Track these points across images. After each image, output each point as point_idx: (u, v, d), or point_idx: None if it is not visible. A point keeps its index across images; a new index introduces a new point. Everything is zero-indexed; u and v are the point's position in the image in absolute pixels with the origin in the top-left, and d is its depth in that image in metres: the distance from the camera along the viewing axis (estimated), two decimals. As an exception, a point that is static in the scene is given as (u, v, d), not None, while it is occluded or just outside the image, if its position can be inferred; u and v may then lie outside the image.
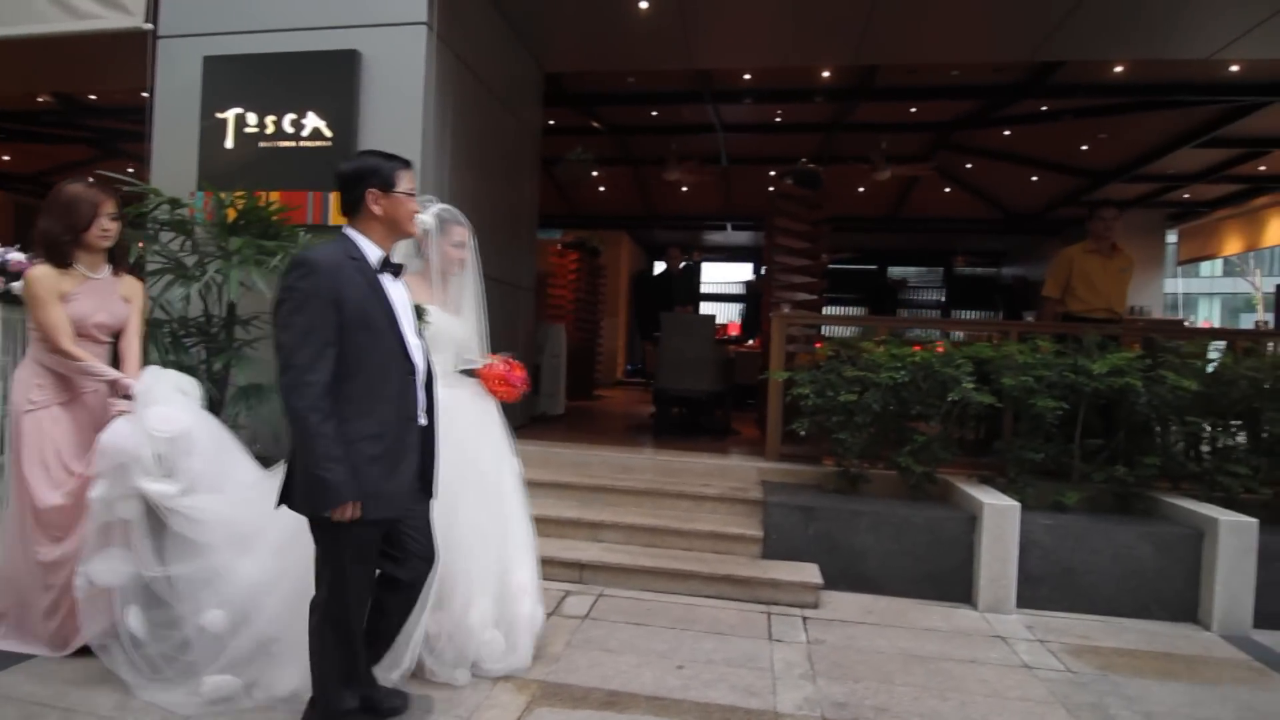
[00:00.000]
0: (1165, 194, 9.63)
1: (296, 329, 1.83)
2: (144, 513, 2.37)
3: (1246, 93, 6.12)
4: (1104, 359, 3.71)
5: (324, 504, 1.84)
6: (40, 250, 2.57)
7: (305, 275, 1.86)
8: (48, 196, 2.60)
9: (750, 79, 6.54)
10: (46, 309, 2.51)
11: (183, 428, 2.44)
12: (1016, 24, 4.84)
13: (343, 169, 2.01)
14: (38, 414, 2.56)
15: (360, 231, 2.00)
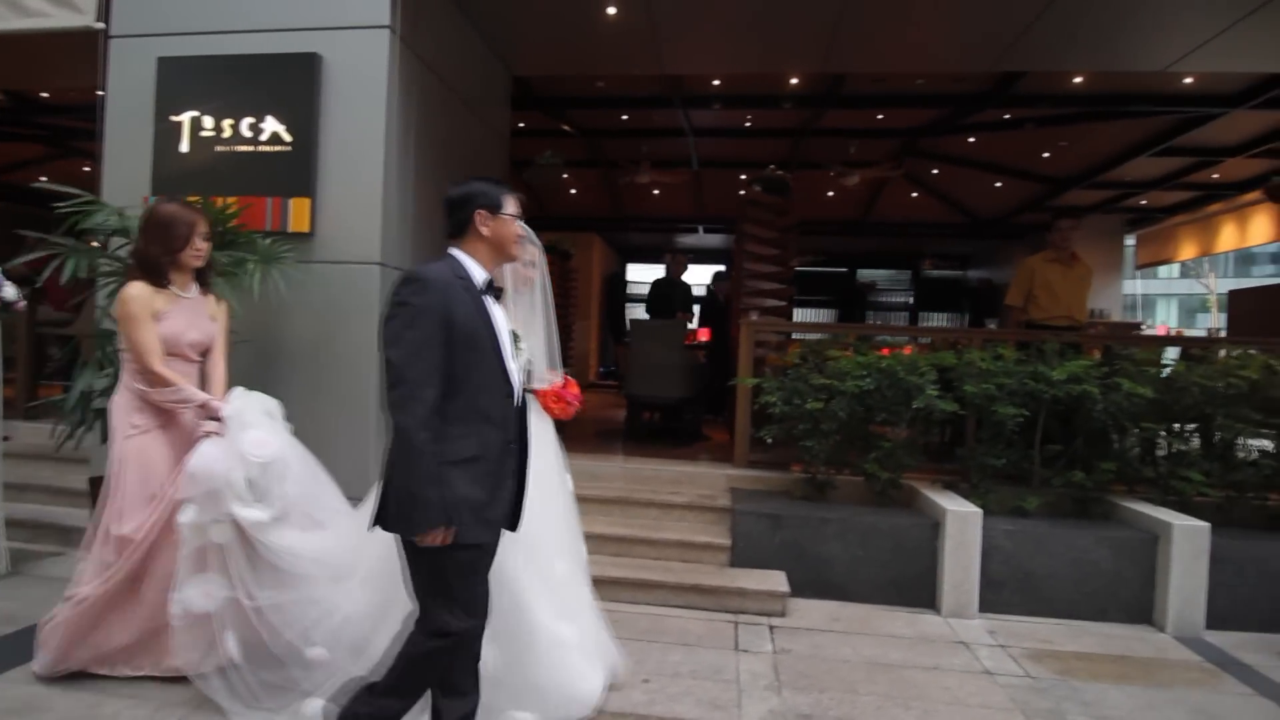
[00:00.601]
0: (1123, 200, 9.87)
1: (408, 344, 1.81)
2: (238, 538, 2.33)
3: (1199, 104, 6.30)
4: (1062, 366, 3.78)
5: (420, 525, 1.79)
6: (136, 270, 2.58)
7: (419, 291, 1.85)
8: (143, 217, 2.65)
9: (719, 85, 6.55)
10: (141, 328, 2.49)
11: (277, 452, 2.43)
12: (978, 36, 4.91)
13: (452, 193, 2.05)
14: (139, 438, 2.53)
15: (467, 253, 2.01)
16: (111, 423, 2.56)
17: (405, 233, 4.07)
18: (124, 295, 2.52)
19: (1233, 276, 27.31)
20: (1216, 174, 8.44)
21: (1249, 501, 3.89)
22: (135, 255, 2.61)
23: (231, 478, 2.30)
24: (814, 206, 11.13)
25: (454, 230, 2.03)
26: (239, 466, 2.33)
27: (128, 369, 2.56)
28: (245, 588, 2.33)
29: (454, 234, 2.03)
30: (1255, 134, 7.12)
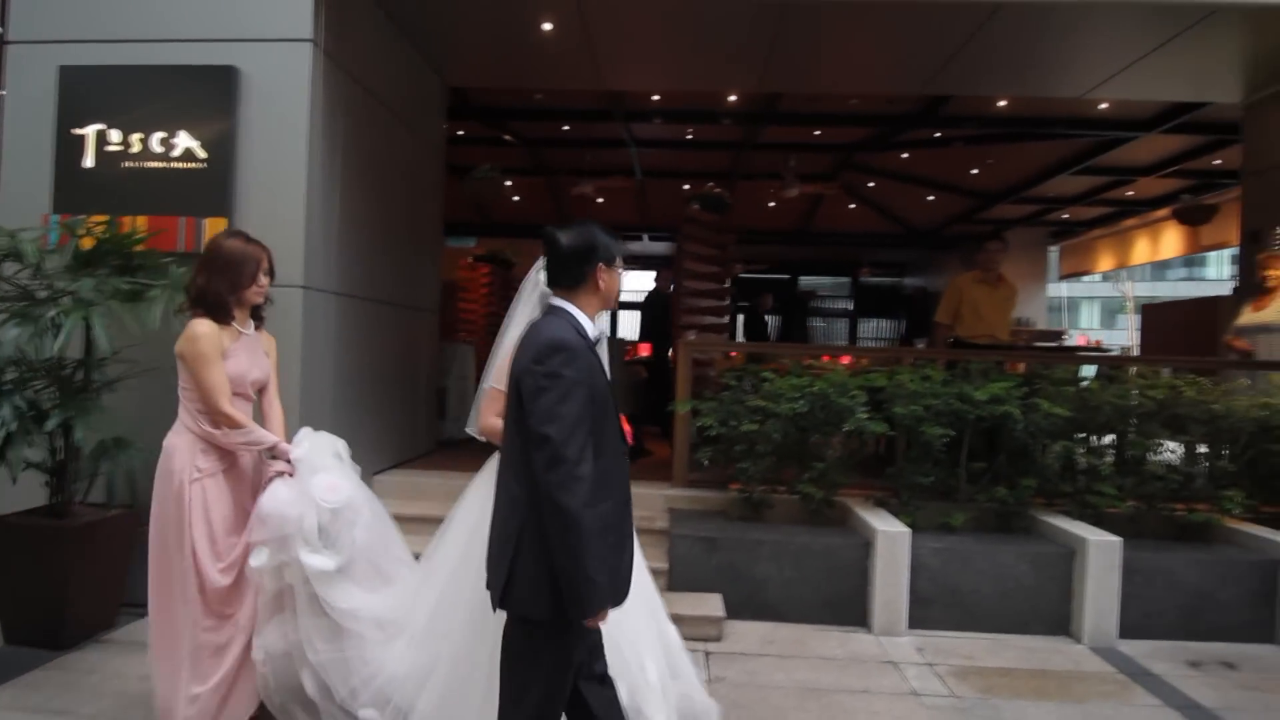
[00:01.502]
0: (1047, 214, 10.33)
1: (566, 420, 1.69)
2: (305, 585, 2.29)
3: (1114, 128, 6.64)
4: (985, 388, 3.91)
5: (595, 607, 1.70)
6: (200, 308, 2.45)
7: (568, 361, 1.73)
8: (206, 253, 2.56)
9: (659, 100, 6.57)
10: (212, 368, 2.38)
11: (348, 498, 2.37)
12: (906, 62, 5.06)
13: (569, 243, 1.89)
14: (205, 482, 2.40)
15: (578, 305, 1.90)
16: (170, 466, 2.40)
17: (330, 253, 3.93)
18: (193, 333, 2.39)
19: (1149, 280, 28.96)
20: (1131, 191, 8.92)
21: (1159, 513, 4.09)
22: (198, 292, 2.46)
23: (303, 523, 2.25)
24: (757, 216, 11.30)
25: (569, 281, 1.90)
26: (310, 511, 2.28)
27: (190, 410, 2.43)
28: (309, 637, 2.30)
29: (567, 285, 1.91)
30: (1165, 156, 7.55)
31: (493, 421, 2.33)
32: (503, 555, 1.77)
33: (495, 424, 2.29)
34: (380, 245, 4.59)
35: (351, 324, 4.20)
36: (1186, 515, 4.04)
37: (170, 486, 2.37)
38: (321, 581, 2.27)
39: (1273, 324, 4.77)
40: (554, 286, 1.93)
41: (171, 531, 2.36)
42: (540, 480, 1.67)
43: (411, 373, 5.19)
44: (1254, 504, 4.07)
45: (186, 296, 2.51)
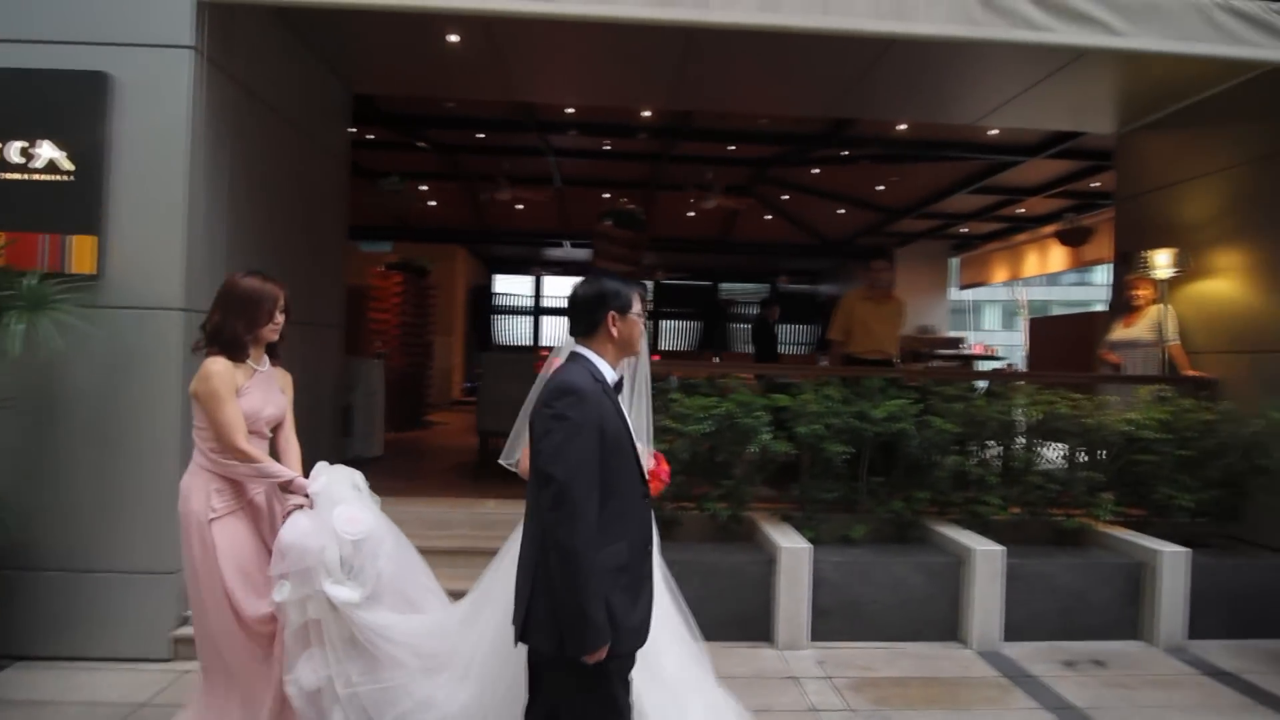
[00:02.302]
0: (948, 229, 10.90)
1: (571, 461, 1.74)
2: (333, 616, 2.26)
3: (1004, 152, 7.07)
4: (882, 405, 4.08)
5: (592, 645, 1.73)
6: (215, 346, 2.42)
7: (575, 404, 1.79)
8: (222, 291, 2.51)
9: (574, 113, 6.53)
10: (226, 406, 2.36)
11: (369, 529, 2.36)
12: (810, 87, 5.22)
13: (582, 292, 2.02)
14: (225, 520, 2.40)
15: (596, 351, 1.99)
16: (188, 507, 2.39)
17: (216, 272, 3.69)
18: (207, 371, 2.38)
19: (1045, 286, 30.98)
20: (1022, 209, 9.52)
21: (1040, 519, 4.37)
22: (213, 330, 2.44)
23: (325, 555, 2.24)
24: (678, 225, 11.44)
25: (583, 330, 2.01)
26: (331, 543, 2.27)
27: (205, 449, 2.41)
28: (342, 669, 2.28)
29: (583, 332, 2.01)
30: (1051, 178, 8.10)
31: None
32: (523, 591, 1.84)
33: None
34: (274, 260, 4.36)
35: (242, 345, 3.98)
36: (1064, 521, 4.34)
37: (191, 529, 2.37)
38: (349, 610, 2.27)
39: (1140, 340, 5.18)
40: (573, 334, 2.04)
41: (202, 573, 2.36)
42: (544, 518, 1.74)
43: (312, 392, 4.97)
44: (1122, 509, 4.41)
45: (202, 334, 2.47)
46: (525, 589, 1.84)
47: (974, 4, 3.64)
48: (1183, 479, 4.25)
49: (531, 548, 1.85)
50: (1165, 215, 5.32)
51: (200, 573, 2.36)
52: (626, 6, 3.49)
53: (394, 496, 4.52)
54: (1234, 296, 4.79)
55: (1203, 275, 4.98)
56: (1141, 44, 3.72)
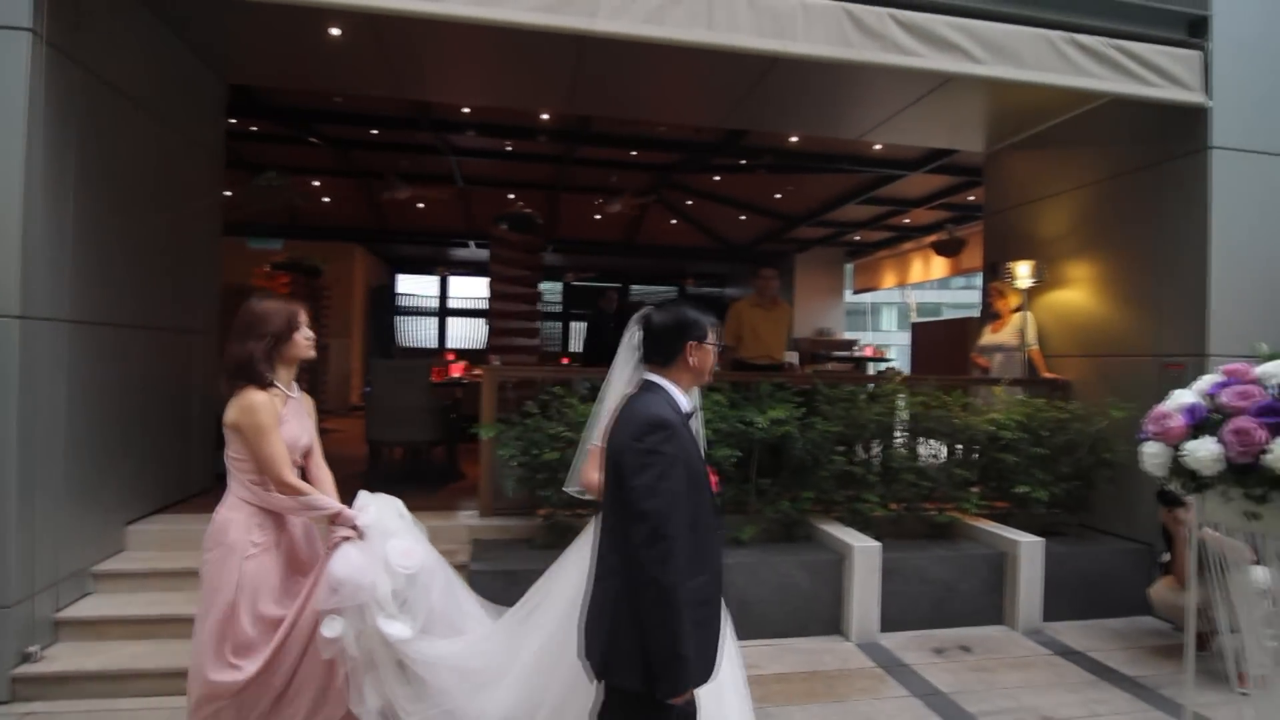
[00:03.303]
0: (842, 236, 11.40)
1: (666, 496, 1.69)
2: (385, 649, 2.24)
3: (888, 166, 7.46)
4: (768, 410, 4.21)
5: (683, 686, 1.68)
6: (241, 379, 2.31)
7: (668, 439, 1.75)
8: (237, 320, 2.41)
9: (470, 113, 6.40)
10: (271, 439, 2.28)
11: (423, 562, 2.34)
12: (703, 99, 5.34)
13: (660, 320, 1.98)
14: (260, 558, 2.31)
15: (671, 380, 1.96)
16: (224, 539, 2.29)
17: (60, 275, 3.40)
18: (250, 403, 2.27)
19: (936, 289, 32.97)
20: (907, 219, 10.08)
21: (915, 514, 4.63)
22: (236, 362, 2.33)
23: (377, 590, 2.21)
24: (584, 227, 11.42)
25: (662, 358, 1.98)
26: (384, 577, 2.23)
27: (245, 481, 2.33)
28: (398, 700, 2.26)
29: (661, 361, 1.98)
30: (932, 191, 8.61)
31: (595, 478, 2.30)
32: (599, 625, 1.81)
33: (596, 481, 2.30)
34: (133, 261, 4.05)
35: (92, 355, 3.65)
36: (936, 516, 4.62)
37: (221, 561, 2.28)
38: (403, 646, 2.25)
39: (1005, 345, 5.59)
40: (648, 362, 2.01)
41: (210, 609, 2.27)
42: (638, 555, 1.68)
43: (180, 403, 4.64)
44: (988, 503, 4.74)
45: (225, 369, 2.36)
46: (601, 624, 1.79)
47: (850, 27, 3.82)
48: (1039, 474, 4.61)
49: (611, 581, 1.79)
50: (1027, 229, 5.77)
51: (222, 603, 2.26)
52: (511, 11, 3.44)
53: (272, 512, 4.31)
54: (1084, 305, 5.24)
55: (1058, 285, 5.43)
56: (999, 72, 4.01)
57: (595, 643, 1.82)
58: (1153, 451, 1.50)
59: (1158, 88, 4.27)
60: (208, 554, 2.31)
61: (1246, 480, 1.32)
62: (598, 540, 1.90)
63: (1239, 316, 4.31)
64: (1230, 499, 1.36)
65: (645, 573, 1.68)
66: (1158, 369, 4.58)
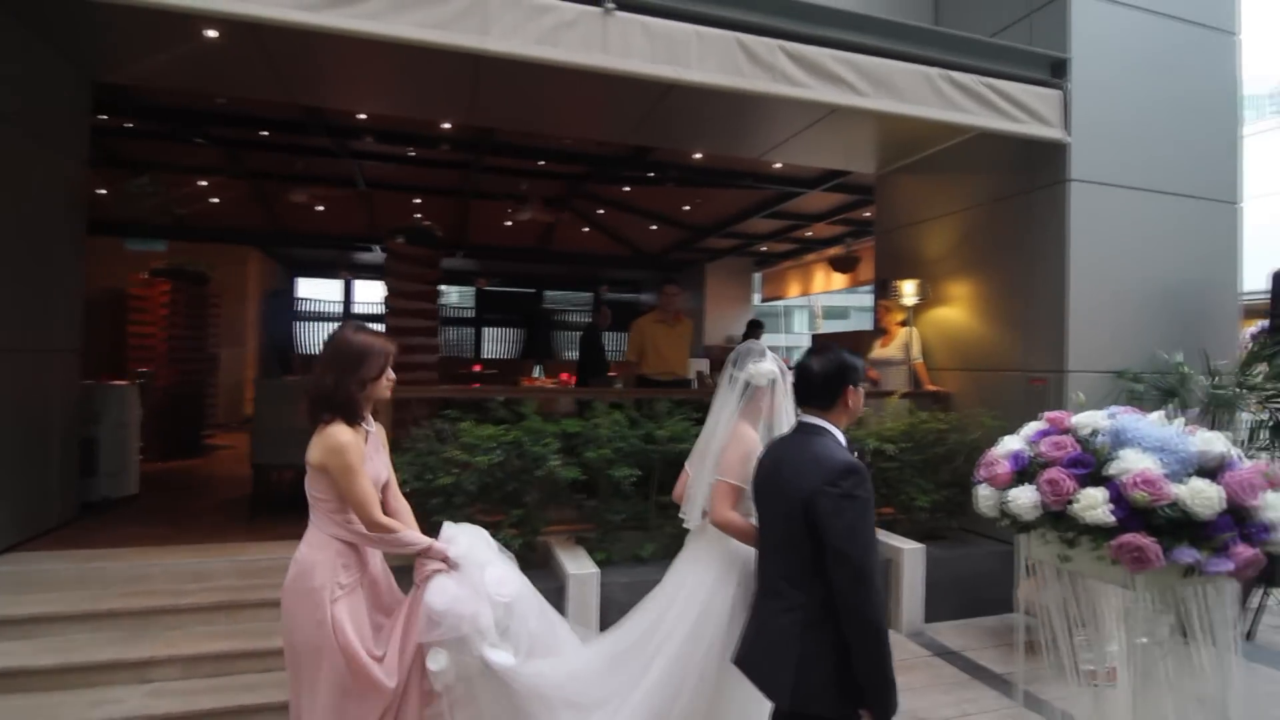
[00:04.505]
0: (749, 247, 11.72)
1: (863, 539, 1.81)
2: (483, 676, 2.25)
3: (788, 184, 7.72)
4: (666, 426, 4.27)
5: (894, 708, 1.82)
6: (331, 411, 2.25)
7: (860, 482, 1.86)
8: (331, 350, 2.34)
9: (368, 119, 6.19)
10: (360, 479, 2.23)
11: (519, 589, 2.36)
12: (605, 115, 5.37)
13: (821, 367, 2.09)
14: (349, 598, 2.26)
15: (832, 422, 2.08)
16: (310, 584, 2.20)
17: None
18: (339, 443, 2.20)
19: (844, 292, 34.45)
20: (810, 233, 10.46)
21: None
22: (327, 393, 2.26)
23: (479, 620, 2.21)
24: (495, 233, 11.26)
25: (824, 402, 2.09)
26: (485, 607, 2.24)
27: (330, 517, 2.26)
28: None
29: (822, 405, 2.09)
30: (831, 207, 8.98)
31: (730, 515, 2.37)
32: (784, 657, 1.92)
33: (733, 518, 2.36)
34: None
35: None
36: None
37: (309, 608, 2.19)
38: (509, 674, 2.25)
39: (893, 358, 5.89)
40: (806, 406, 2.12)
41: (306, 658, 2.20)
42: (843, 594, 1.80)
43: (36, 428, 4.26)
44: (877, 510, 4.97)
45: (311, 400, 2.28)
46: (786, 657, 1.90)
47: (741, 58, 3.93)
48: (921, 482, 4.88)
49: (785, 615, 1.93)
50: (913, 249, 6.11)
51: (318, 652, 2.19)
52: (401, 27, 3.36)
53: (145, 547, 4.03)
54: (963, 322, 5.60)
55: (940, 303, 5.77)
56: (880, 105, 4.22)
57: (780, 674, 1.94)
58: (985, 494, 1.62)
59: (1023, 123, 4.62)
60: (294, 600, 2.23)
61: (1060, 525, 1.44)
62: (768, 577, 2.05)
63: (1093, 336, 4.72)
64: (1048, 540, 1.49)
65: (857, 614, 1.80)
66: (1025, 383, 4.95)
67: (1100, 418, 1.55)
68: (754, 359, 2.55)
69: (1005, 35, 5.18)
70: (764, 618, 2.05)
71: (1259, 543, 1.33)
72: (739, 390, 2.51)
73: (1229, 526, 1.33)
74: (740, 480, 2.37)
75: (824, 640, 1.88)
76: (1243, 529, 1.33)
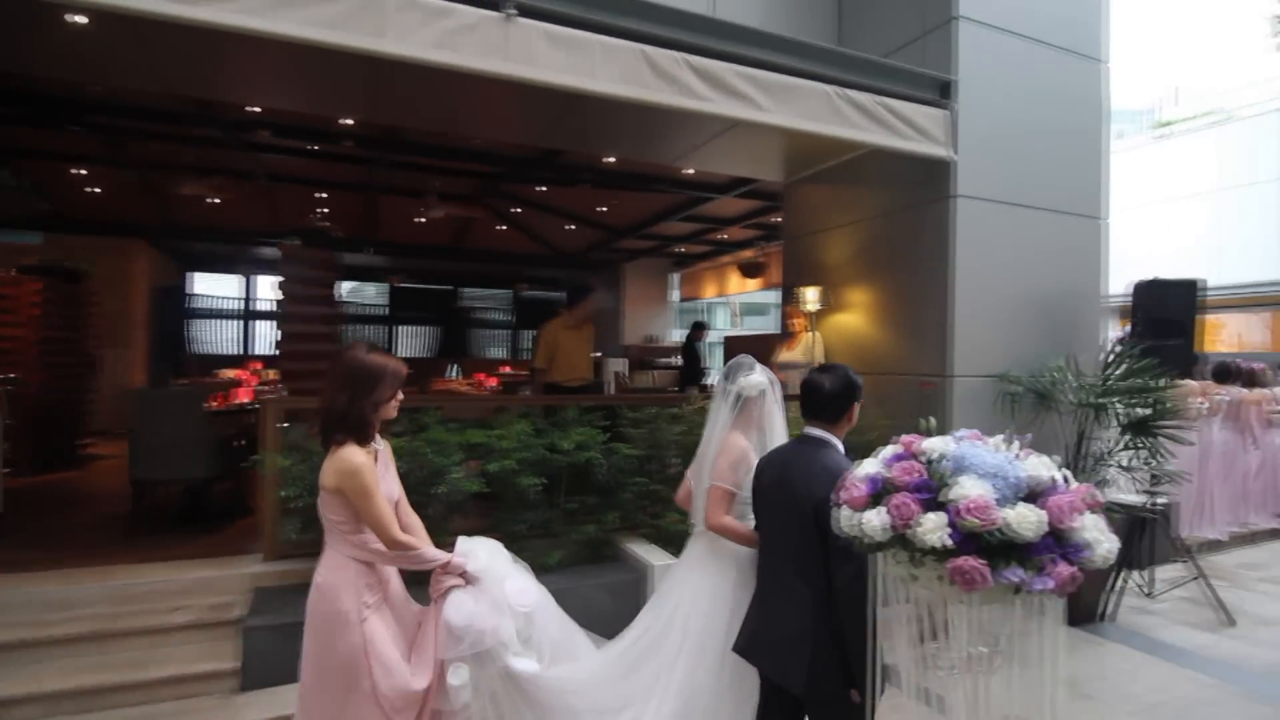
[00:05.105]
0: (666, 248, 11.85)
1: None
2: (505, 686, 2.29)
3: (700, 189, 7.85)
4: (570, 435, 4.28)
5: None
6: (343, 431, 2.24)
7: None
8: (344, 370, 2.31)
9: (262, 113, 5.89)
10: (377, 499, 2.23)
11: (538, 599, 2.41)
12: (515, 119, 5.30)
13: (832, 386, 2.31)
14: (375, 616, 2.26)
15: (835, 435, 2.31)
16: (336, 607, 2.22)
17: None
18: (353, 465, 2.21)
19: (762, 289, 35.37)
20: (725, 235, 10.68)
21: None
22: (340, 414, 2.26)
23: (500, 633, 2.26)
24: (408, 230, 10.94)
25: (831, 417, 2.32)
26: (506, 618, 2.29)
27: (347, 539, 2.27)
28: None
29: (829, 419, 2.32)
30: (744, 212, 9.19)
31: (725, 520, 2.55)
32: (799, 651, 2.12)
33: (727, 522, 2.55)
34: None
35: None
36: (734, 528, 4.93)
37: (337, 630, 2.20)
38: (531, 679, 2.29)
39: (797, 362, 6.10)
40: (814, 419, 2.34)
41: (337, 679, 2.20)
42: (849, 587, 2.01)
43: None
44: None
45: (323, 421, 2.29)
46: (802, 650, 2.11)
47: (646, 70, 3.96)
48: (822, 483, 5.07)
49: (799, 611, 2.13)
50: (817, 256, 6.33)
51: (335, 680, 2.20)
52: (285, 24, 3.21)
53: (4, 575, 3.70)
54: (862, 328, 5.85)
55: (841, 309, 6.01)
56: (781, 120, 4.35)
57: (796, 661, 2.13)
58: (845, 516, 1.72)
59: (914, 141, 4.86)
60: (320, 624, 2.23)
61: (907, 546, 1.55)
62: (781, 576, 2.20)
63: (976, 341, 5.03)
64: (899, 560, 1.59)
65: (858, 604, 2.00)
66: (917, 386, 5.22)
67: (948, 443, 1.67)
68: (745, 372, 2.72)
69: (901, 54, 5.43)
70: (772, 611, 2.23)
71: (1076, 561, 1.48)
72: (731, 402, 2.69)
73: (1050, 548, 1.46)
74: (732, 485, 2.56)
75: (832, 629, 2.10)
76: (1063, 549, 1.47)
